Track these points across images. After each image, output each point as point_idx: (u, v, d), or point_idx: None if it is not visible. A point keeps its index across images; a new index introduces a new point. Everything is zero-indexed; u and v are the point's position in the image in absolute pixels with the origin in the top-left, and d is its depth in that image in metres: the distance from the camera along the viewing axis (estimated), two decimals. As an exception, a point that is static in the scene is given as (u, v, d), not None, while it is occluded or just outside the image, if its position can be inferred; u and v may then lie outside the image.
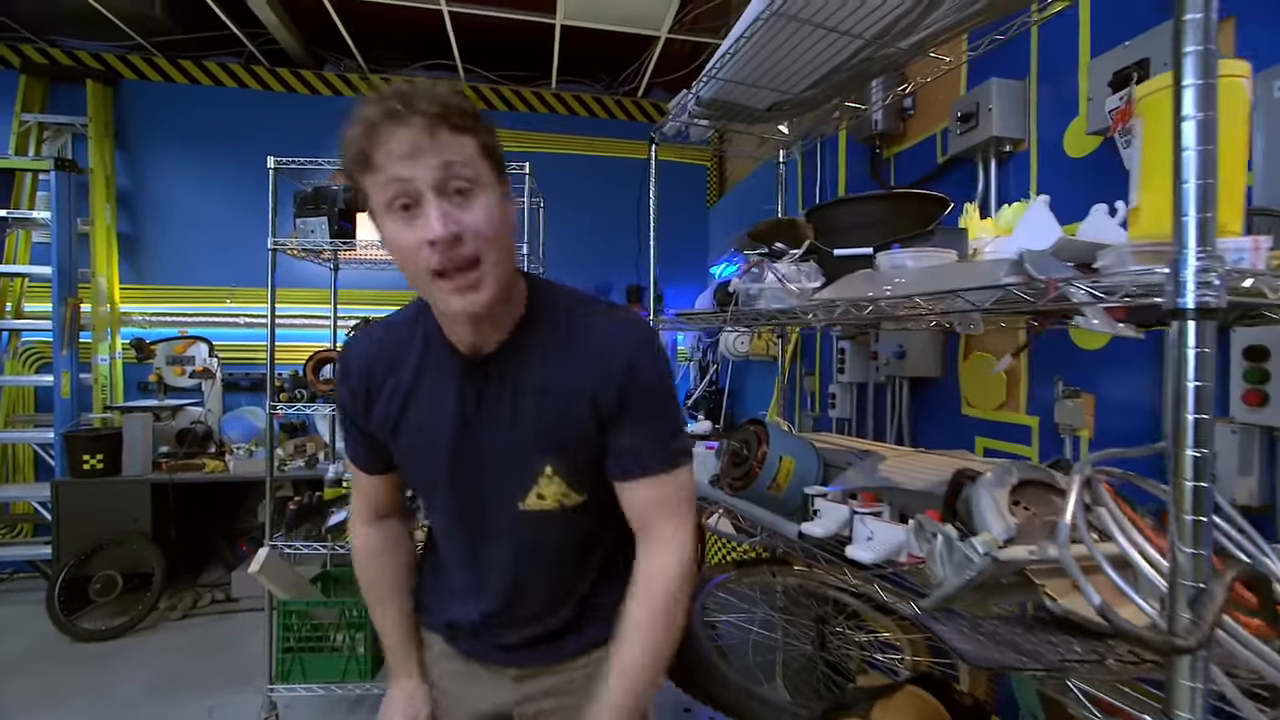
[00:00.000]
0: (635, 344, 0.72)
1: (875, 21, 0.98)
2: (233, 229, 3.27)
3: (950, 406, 1.56)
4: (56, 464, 2.70)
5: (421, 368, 0.74)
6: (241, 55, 3.29)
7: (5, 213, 2.76)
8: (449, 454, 0.74)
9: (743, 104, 1.35)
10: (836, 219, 1.06)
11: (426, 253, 0.61)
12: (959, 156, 1.47)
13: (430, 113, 0.60)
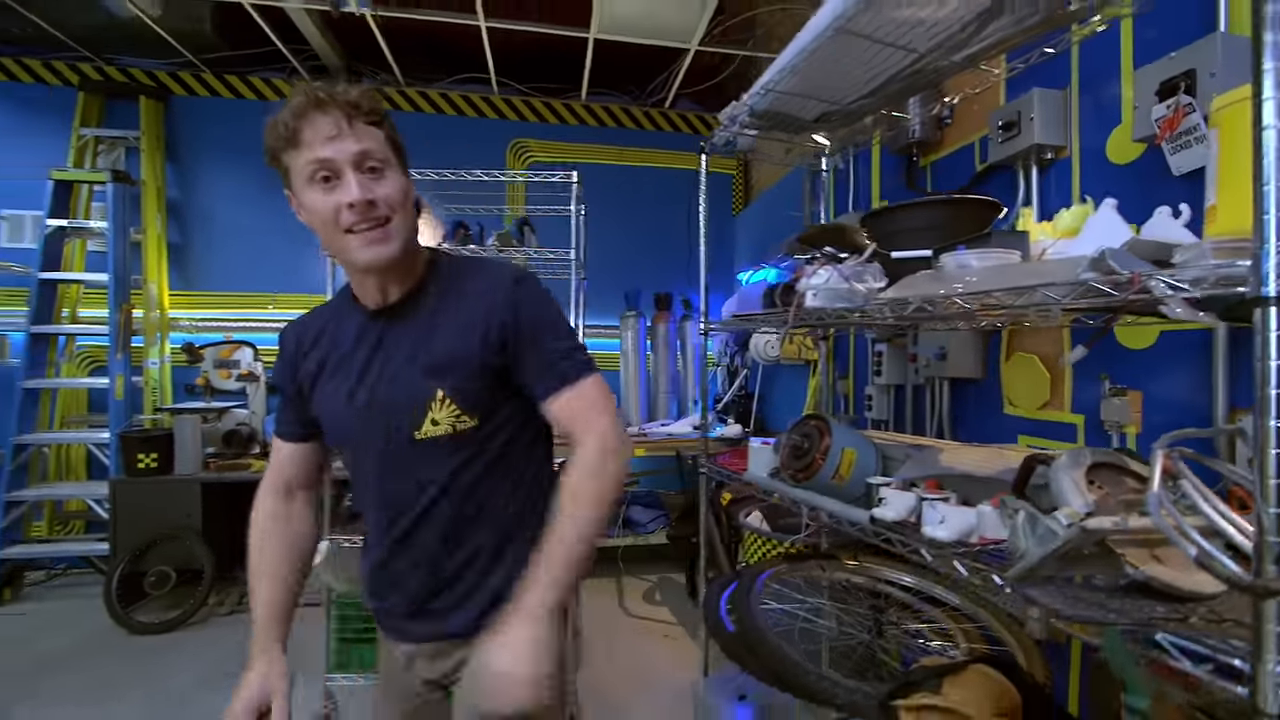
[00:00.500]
0: (513, 278, 0.83)
1: (933, 36, 1.05)
2: (274, 238, 3.39)
3: (992, 406, 1.60)
4: (111, 463, 2.80)
5: (337, 329, 0.86)
6: (284, 70, 3.42)
7: (65, 222, 2.89)
8: (356, 393, 0.83)
9: (793, 115, 1.42)
10: (893, 224, 1.12)
11: (345, 214, 0.73)
12: (999, 164, 1.52)
13: (348, 106, 0.73)
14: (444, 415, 0.81)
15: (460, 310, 0.82)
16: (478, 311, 0.81)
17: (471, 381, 0.81)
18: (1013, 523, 0.66)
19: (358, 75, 3.49)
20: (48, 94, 3.21)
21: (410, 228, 0.80)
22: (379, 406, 0.82)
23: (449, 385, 0.80)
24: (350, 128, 0.73)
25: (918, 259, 1.05)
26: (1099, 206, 0.78)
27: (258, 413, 3.10)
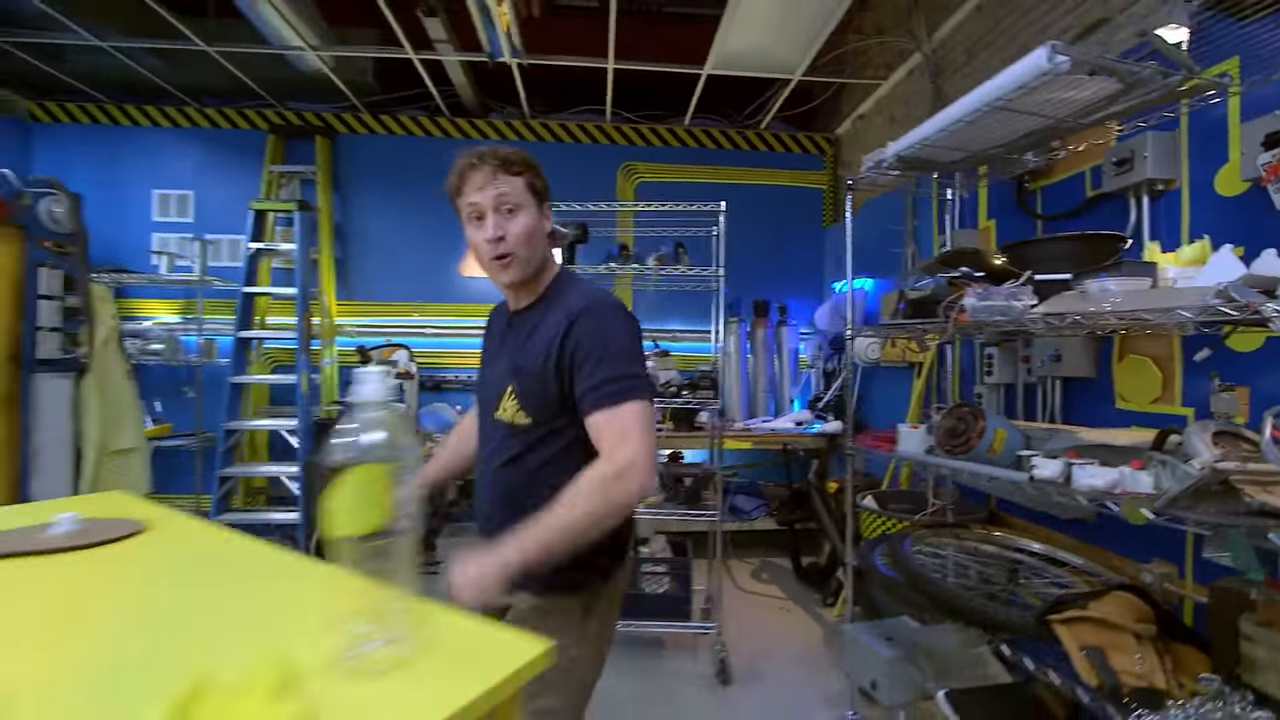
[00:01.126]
0: (578, 311, 0.96)
1: (1070, 108, 1.33)
2: (418, 255, 3.90)
3: (1103, 402, 1.84)
4: (300, 446, 3.34)
5: (496, 319, 1.14)
6: (427, 108, 3.93)
7: (263, 245, 3.46)
8: (484, 374, 1.11)
9: (932, 160, 1.72)
10: (1033, 253, 1.41)
11: (486, 246, 0.97)
12: (1111, 193, 1.76)
13: (495, 163, 0.96)
14: (508, 406, 1.00)
15: (546, 326, 0.98)
16: (551, 330, 0.97)
17: (533, 387, 0.97)
18: (1158, 470, 0.95)
19: (487, 110, 3.98)
20: (237, 137, 3.84)
21: (532, 256, 1.00)
22: (489, 385, 1.06)
23: (518, 385, 0.99)
24: (495, 179, 0.95)
25: (1057, 281, 1.33)
26: (1218, 247, 1.05)
27: (412, 407, 3.60)
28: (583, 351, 0.93)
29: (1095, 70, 1.15)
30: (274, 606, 0.58)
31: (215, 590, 0.63)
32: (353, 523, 0.43)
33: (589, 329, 0.95)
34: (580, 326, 0.95)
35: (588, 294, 1.00)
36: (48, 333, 2.40)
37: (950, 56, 2.84)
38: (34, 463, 2.37)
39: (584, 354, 0.93)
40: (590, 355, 0.93)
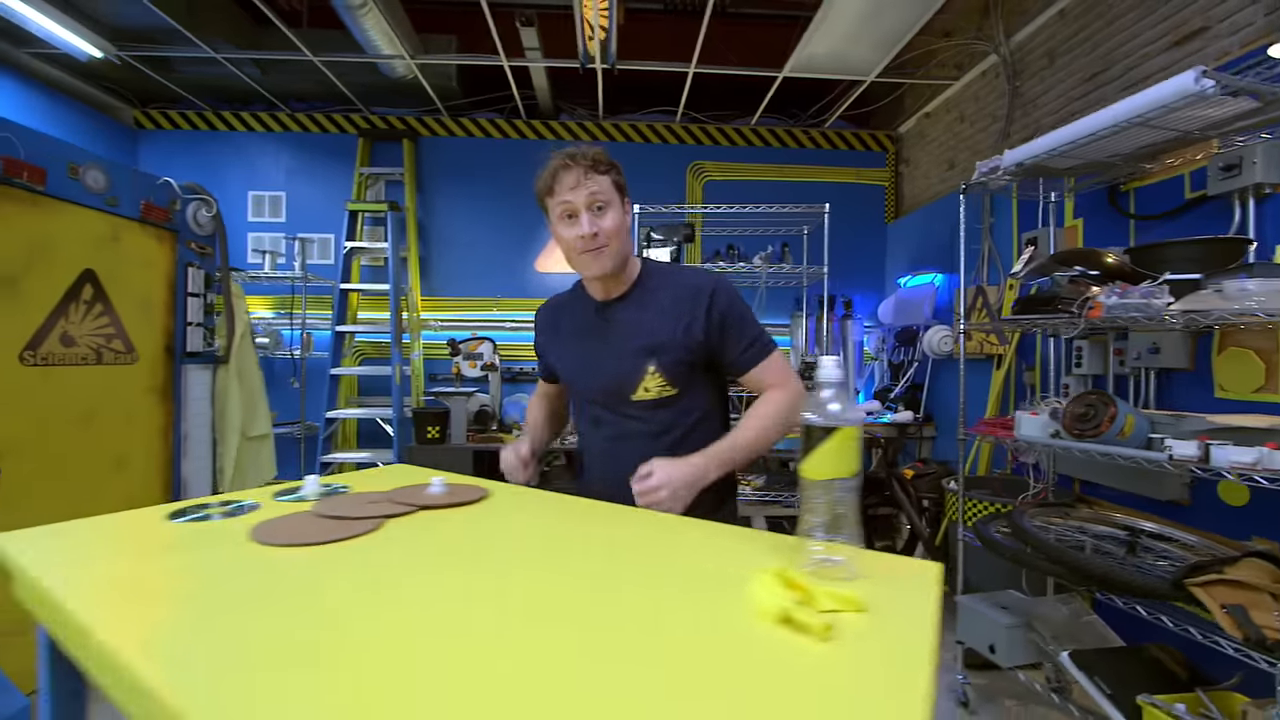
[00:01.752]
0: (711, 287, 1.07)
1: (1201, 125, 1.46)
2: (496, 252, 4.08)
3: (1201, 392, 1.97)
4: (395, 434, 3.54)
5: (573, 310, 1.20)
6: (502, 111, 4.10)
7: (359, 244, 3.66)
8: (597, 363, 1.13)
9: (1048, 167, 1.85)
10: (1160, 255, 1.54)
11: (579, 242, 1.03)
12: (1215, 196, 1.88)
13: (585, 164, 1.03)
14: (654, 384, 1.08)
15: (663, 303, 1.08)
16: (683, 306, 1.06)
17: (679, 358, 1.07)
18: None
19: (560, 111, 4.13)
20: (325, 140, 4.03)
21: (623, 249, 1.08)
22: (607, 376, 1.11)
23: (659, 362, 1.07)
24: (586, 178, 1.02)
25: (1185, 281, 1.47)
26: None
27: (495, 397, 3.79)
28: (730, 320, 1.07)
29: (1239, 92, 1.28)
30: (642, 545, 0.73)
31: (586, 533, 0.80)
32: (835, 470, 0.60)
33: (728, 301, 1.07)
34: (719, 300, 1.06)
35: (699, 272, 1.13)
36: (194, 327, 2.61)
37: (1029, 59, 2.94)
38: (185, 445, 2.59)
39: (731, 322, 1.07)
40: (736, 322, 1.07)
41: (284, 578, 0.61)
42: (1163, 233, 2.11)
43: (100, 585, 0.58)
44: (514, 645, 0.46)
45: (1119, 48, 2.44)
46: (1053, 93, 2.80)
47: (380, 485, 1.02)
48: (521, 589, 0.58)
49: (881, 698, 0.40)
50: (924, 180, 3.92)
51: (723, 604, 0.54)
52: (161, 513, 0.83)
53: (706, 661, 0.44)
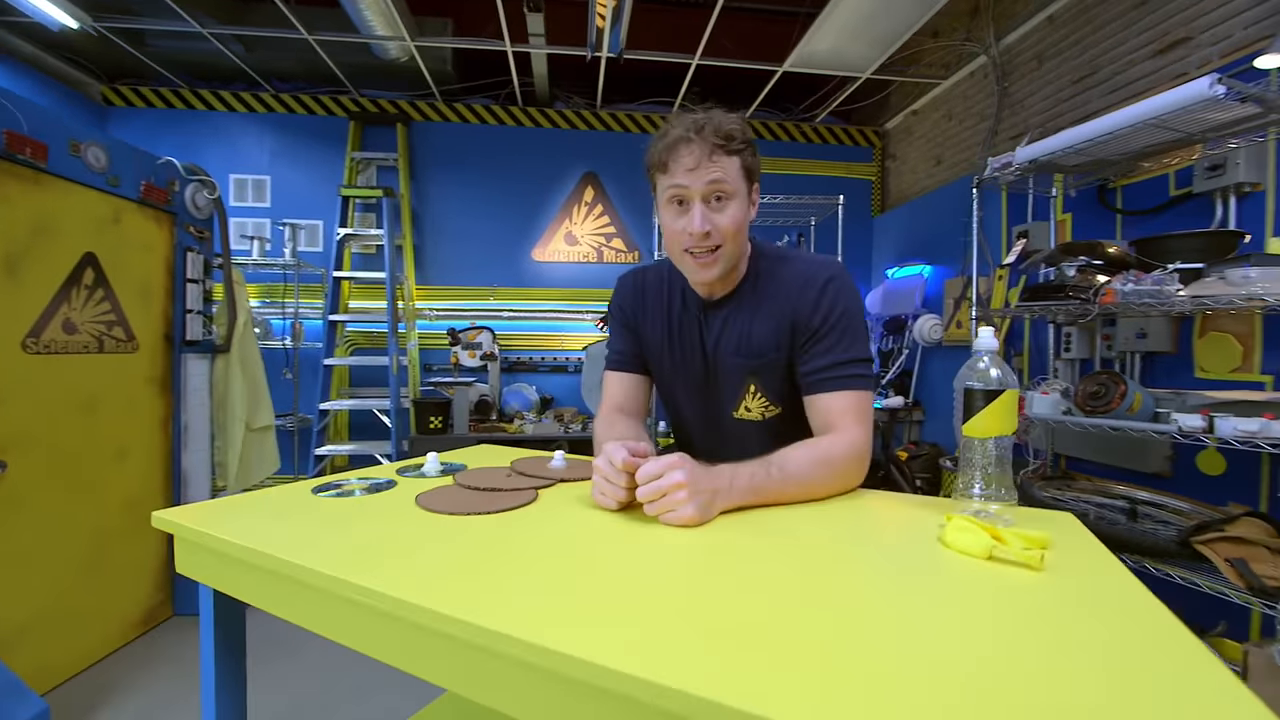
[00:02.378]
0: (826, 278, 0.88)
1: (1204, 126, 1.60)
2: (492, 240, 4.04)
3: (1183, 373, 2.15)
4: (393, 425, 3.48)
5: (670, 299, 1.00)
6: (497, 97, 4.04)
7: (353, 230, 3.56)
8: (692, 372, 0.97)
9: (1057, 163, 1.98)
10: (1163, 246, 1.69)
11: (685, 239, 0.85)
12: (1199, 193, 2.06)
13: (713, 140, 0.82)
14: (756, 405, 0.94)
15: (772, 304, 0.90)
16: (785, 305, 0.89)
17: (779, 375, 0.91)
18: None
19: (556, 99, 4.11)
20: (312, 122, 3.89)
21: (738, 251, 0.89)
22: (708, 388, 0.97)
23: (761, 382, 0.92)
24: (710, 160, 0.82)
25: (1189, 270, 1.61)
26: None
27: (495, 387, 3.77)
28: (830, 324, 0.86)
29: (1248, 99, 1.42)
30: (811, 519, 0.74)
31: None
32: (998, 428, 0.66)
33: (840, 300, 0.87)
34: (829, 294, 0.87)
35: (820, 260, 0.92)
36: (193, 315, 2.51)
37: (1018, 62, 3.10)
38: (185, 436, 2.50)
39: (830, 327, 0.86)
40: (836, 328, 0.86)
41: (520, 537, 0.64)
42: (1148, 227, 2.29)
43: (360, 552, 0.59)
44: (815, 609, 0.50)
45: (1105, 54, 2.61)
46: (1040, 94, 2.97)
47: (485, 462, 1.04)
48: (731, 563, 0.61)
49: (1121, 601, 0.46)
50: (911, 175, 4.09)
51: (929, 554, 0.59)
52: (304, 489, 0.83)
53: (953, 592, 0.50)
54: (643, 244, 4.15)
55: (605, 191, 4.12)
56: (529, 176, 4.05)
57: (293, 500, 0.78)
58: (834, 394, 0.85)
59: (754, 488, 0.73)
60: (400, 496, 0.80)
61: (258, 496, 0.79)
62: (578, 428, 3.57)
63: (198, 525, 0.66)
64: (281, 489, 0.83)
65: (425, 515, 0.71)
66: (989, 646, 0.41)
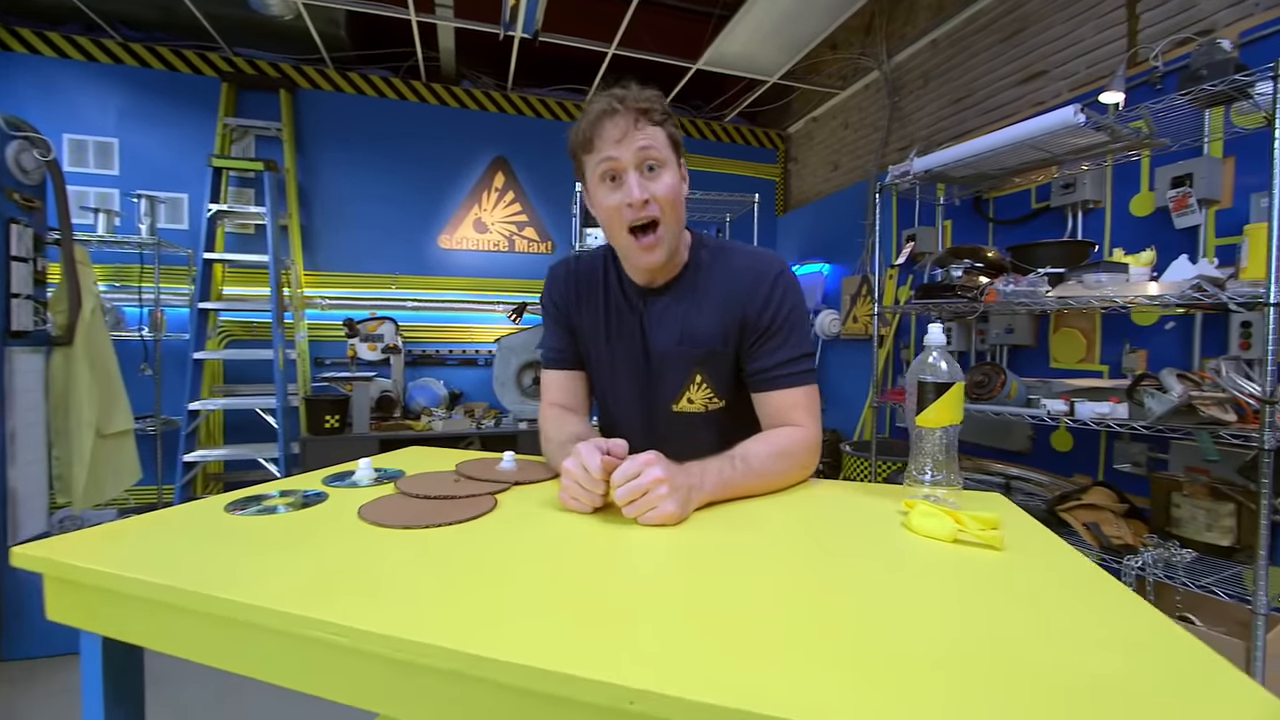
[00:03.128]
0: (775, 274, 0.88)
1: (1066, 149, 1.84)
2: (393, 225, 3.76)
3: (1041, 363, 2.48)
4: (280, 426, 3.14)
5: (615, 296, 0.95)
6: (397, 70, 3.75)
7: (223, 206, 3.14)
8: (632, 362, 0.94)
9: (951, 176, 2.19)
10: (1033, 253, 1.92)
11: (625, 212, 0.81)
12: (1055, 207, 2.37)
13: (636, 111, 0.80)
14: (699, 396, 0.91)
15: (719, 297, 0.89)
16: (735, 297, 0.87)
17: (726, 368, 0.90)
18: (1146, 400, 1.47)
19: (462, 77, 3.89)
20: (171, 80, 3.38)
21: (677, 226, 0.86)
22: (649, 380, 0.94)
23: (707, 372, 0.90)
24: (636, 129, 0.80)
25: (1055, 274, 1.85)
26: (1177, 256, 1.61)
27: (399, 382, 3.52)
28: (779, 322, 0.87)
29: (1100, 127, 1.64)
30: (775, 510, 0.75)
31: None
32: (947, 418, 0.71)
33: (789, 297, 0.88)
34: (778, 291, 0.87)
35: (764, 255, 0.92)
36: (20, 300, 2.09)
37: (907, 79, 3.39)
38: (11, 448, 2.09)
39: (780, 325, 0.87)
40: (786, 324, 0.87)
41: (491, 549, 0.58)
42: (1015, 234, 2.60)
43: (308, 579, 0.51)
44: (792, 607, 0.50)
45: (979, 79, 2.93)
46: (925, 111, 3.27)
47: (423, 467, 0.96)
48: (716, 560, 0.61)
49: (1076, 573, 0.52)
50: (811, 178, 4.34)
51: (899, 539, 0.63)
52: (213, 507, 0.71)
53: (934, 576, 0.53)
54: (557, 234, 4.06)
55: (516, 178, 3.98)
56: (434, 158, 3.80)
57: (202, 521, 0.67)
58: (786, 391, 0.87)
59: (722, 482, 0.73)
60: (336, 510, 0.71)
61: (154, 520, 0.66)
62: (490, 423, 3.43)
63: (80, 560, 0.54)
64: (184, 510, 0.71)
65: (373, 531, 0.63)
66: (982, 624, 0.44)
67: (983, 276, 1.99)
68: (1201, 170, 1.86)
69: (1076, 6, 2.46)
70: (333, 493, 0.79)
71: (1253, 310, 1.39)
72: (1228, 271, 1.54)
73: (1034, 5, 2.64)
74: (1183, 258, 1.57)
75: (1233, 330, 1.81)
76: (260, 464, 3.23)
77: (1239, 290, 1.36)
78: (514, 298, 3.88)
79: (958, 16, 3.01)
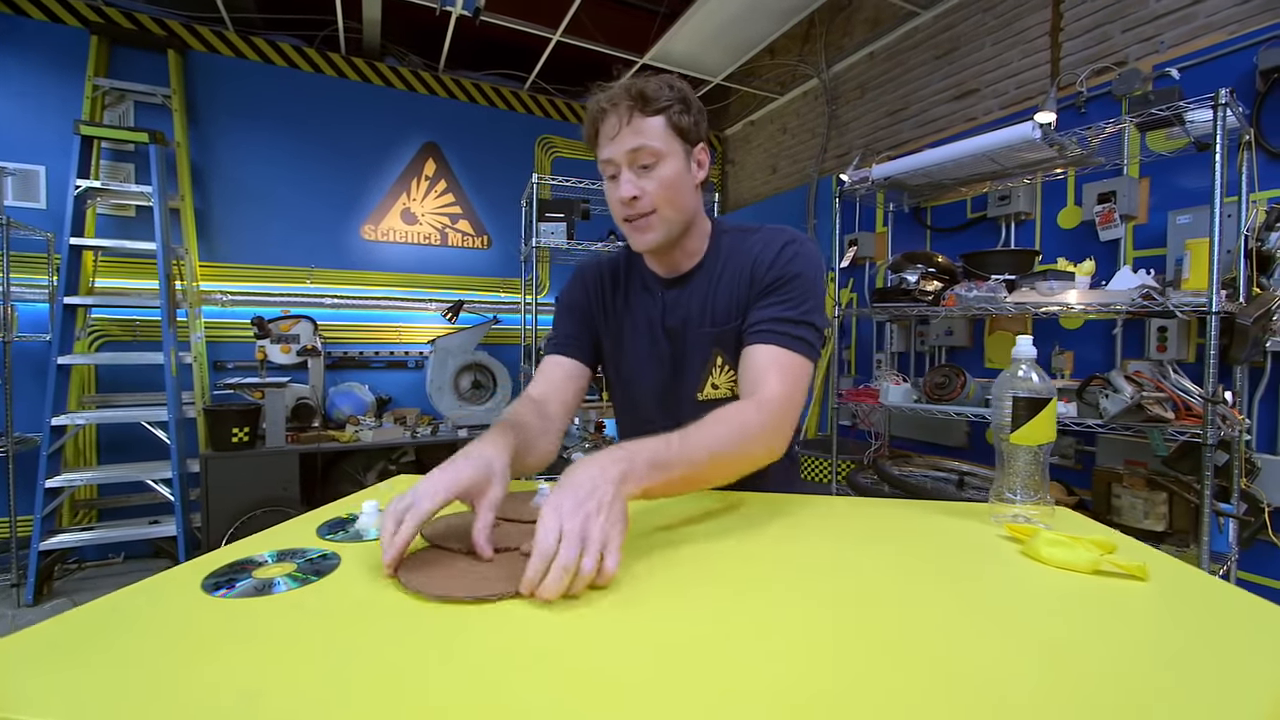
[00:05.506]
0: (785, 240, 0.85)
1: (1016, 162, 1.95)
2: (309, 212, 3.38)
3: (976, 363, 2.65)
4: (173, 441, 2.71)
5: (629, 284, 0.96)
6: (312, 39, 3.37)
7: (96, 184, 2.66)
8: (657, 356, 0.92)
9: (905, 184, 2.26)
10: (984, 261, 2.03)
11: (620, 207, 0.83)
12: (991, 217, 2.53)
13: (628, 106, 0.78)
14: (723, 381, 0.88)
15: (733, 271, 0.86)
16: (746, 272, 0.85)
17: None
18: (1101, 401, 1.58)
19: (387, 53, 3.56)
20: (24, 28, 2.81)
21: (678, 215, 0.84)
22: (670, 368, 0.91)
23: (729, 355, 0.87)
24: (629, 124, 0.78)
25: (1008, 280, 1.96)
26: (1123, 266, 1.74)
27: (318, 387, 3.16)
28: (784, 279, 0.81)
29: (1053, 144, 1.75)
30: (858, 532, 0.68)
31: (769, 533, 0.70)
32: (1042, 436, 0.68)
33: (797, 262, 0.83)
34: (788, 253, 0.83)
35: (785, 229, 0.88)
36: None
37: (844, 89, 3.51)
38: None
39: (784, 282, 0.81)
40: (788, 285, 0.81)
41: (601, 622, 0.46)
42: (952, 242, 2.76)
43: (378, 700, 0.36)
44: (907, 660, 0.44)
45: (915, 93, 3.08)
46: (862, 120, 3.40)
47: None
48: (807, 605, 0.53)
49: (1226, 600, 0.49)
50: (749, 181, 4.41)
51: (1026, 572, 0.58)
52: (185, 586, 0.53)
53: (1103, 617, 0.48)
54: (495, 229, 3.83)
55: (449, 166, 3.70)
56: (354, 140, 3.45)
57: (170, 611, 0.48)
58: (767, 347, 0.78)
59: (655, 463, 0.60)
60: (359, 577, 0.56)
61: (91, 617, 0.47)
62: (426, 431, 3.17)
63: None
64: (136, 593, 0.51)
65: (436, 609, 0.49)
66: (1200, 676, 0.39)
67: (935, 281, 2.07)
68: (1123, 188, 2.04)
69: (1005, 31, 2.64)
70: (341, 550, 0.62)
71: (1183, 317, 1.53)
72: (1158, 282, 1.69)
73: (966, 27, 2.80)
74: (1125, 269, 1.71)
75: (1150, 335, 2.00)
76: (149, 486, 2.77)
77: (1183, 300, 1.49)
78: (449, 295, 3.61)
79: (894, 32, 3.14)
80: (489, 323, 3.55)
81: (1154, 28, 2.12)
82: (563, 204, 2.62)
